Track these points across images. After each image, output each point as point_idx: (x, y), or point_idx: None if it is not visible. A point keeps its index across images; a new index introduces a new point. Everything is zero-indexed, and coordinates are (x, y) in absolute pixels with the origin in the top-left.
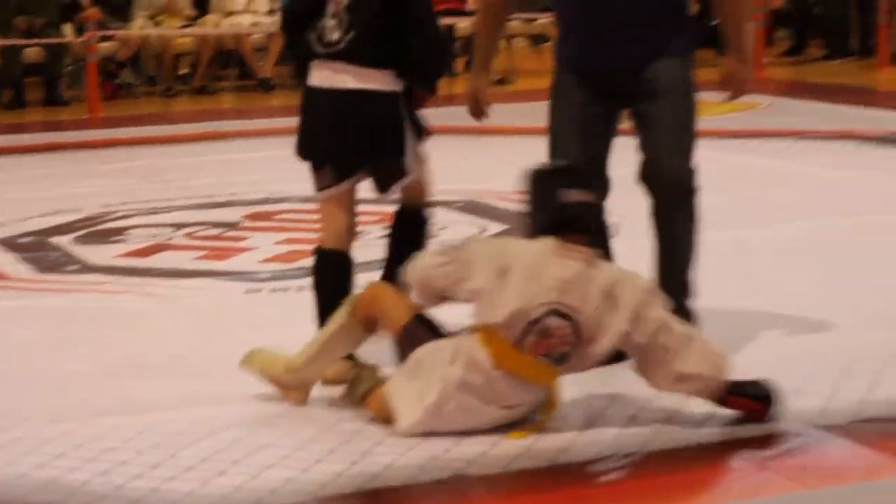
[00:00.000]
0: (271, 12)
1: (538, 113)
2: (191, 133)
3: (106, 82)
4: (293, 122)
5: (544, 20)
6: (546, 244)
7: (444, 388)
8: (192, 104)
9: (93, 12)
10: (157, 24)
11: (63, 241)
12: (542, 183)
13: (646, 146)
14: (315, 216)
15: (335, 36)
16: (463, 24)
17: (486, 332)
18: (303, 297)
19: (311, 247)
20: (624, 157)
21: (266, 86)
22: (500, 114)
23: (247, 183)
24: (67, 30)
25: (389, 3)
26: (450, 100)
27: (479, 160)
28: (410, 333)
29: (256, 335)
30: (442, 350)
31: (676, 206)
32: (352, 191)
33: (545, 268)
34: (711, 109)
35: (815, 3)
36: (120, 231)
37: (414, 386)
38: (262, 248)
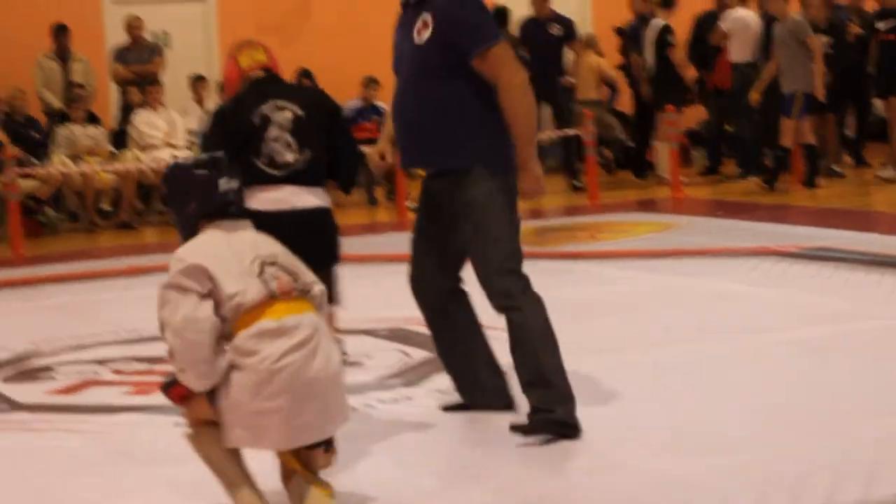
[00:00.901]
0: (190, 145)
1: None
2: (115, 269)
3: (28, 220)
4: None
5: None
6: (213, 232)
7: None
8: (116, 239)
9: (12, 150)
10: (76, 162)
11: None
12: (192, 177)
13: None
14: None
15: (288, 157)
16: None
17: (241, 320)
18: None
19: None
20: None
21: None
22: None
23: None
24: None
25: (328, 124)
26: (372, 228)
27: (403, 287)
28: None
29: (187, 468)
30: None
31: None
32: None
33: (238, 244)
34: (632, 231)
35: (728, 124)
36: (47, 368)
37: None
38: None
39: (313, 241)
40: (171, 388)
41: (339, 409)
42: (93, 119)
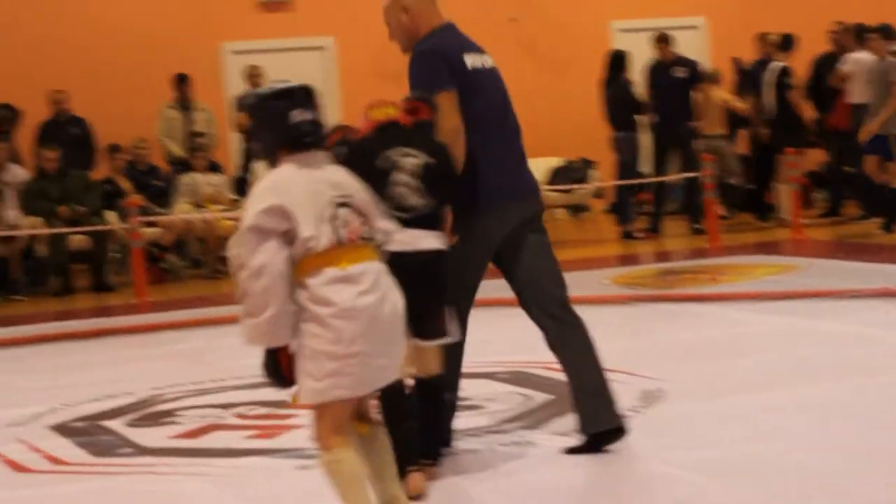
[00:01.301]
0: None
1: (581, 282)
2: (236, 315)
3: (151, 267)
4: None
5: (583, 190)
6: (290, 166)
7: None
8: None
9: (135, 199)
10: (198, 209)
11: (115, 424)
12: (268, 107)
13: None
14: None
15: (414, 201)
16: None
17: (305, 262)
18: None
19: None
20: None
21: None
22: None
23: None
24: (111, 217)
25: (452, 172)
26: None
27: (524, 331)
28: None
29: None
30: None
31: None
32: None
33: (314, 181)
34: (752, 273)
35: (847, 165)
36: (171, 413)
37: None
38: (310, 424)
39: (431, 281)
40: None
41: (401, 352)
42: (214, 167)
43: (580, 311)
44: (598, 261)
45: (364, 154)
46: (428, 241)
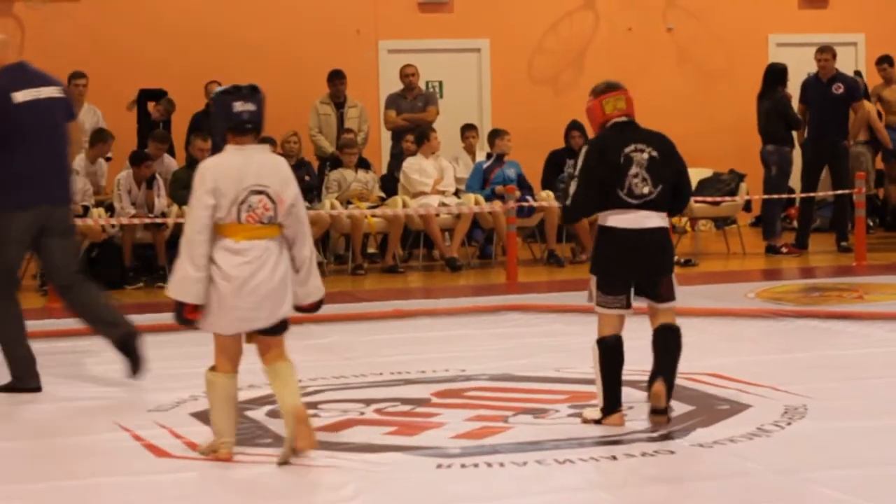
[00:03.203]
0: (457, 193)
1: (725, 295)
2: (380, 311)
3: None
4: (479, 301)
5: (728, 203)
6: (227, 150)
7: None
8: (380, 283)
9: None
10: (345, 205)
11: (257, 414)
12: (220, 100)
13: None
14: (503, 394)
15: (645, 190)
16: None
17: (216, 227)
18: (494, 472)
19: (501, 424)
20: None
21: (453, 265)
22: (685, 295)
23: (434, 361)
24: None
25: (675, 164)
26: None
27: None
28: None
29: None
30: None
31: None
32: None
33: (240, 166)
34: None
35: None
36: (312, 406)
37: None
38: (451, 424)
39: (660, 253)
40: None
41: (273, 310)
42: (364, 164)
43: (723, 323)
44: (743, 274)
45: (607, 150)
46: (653, 220)
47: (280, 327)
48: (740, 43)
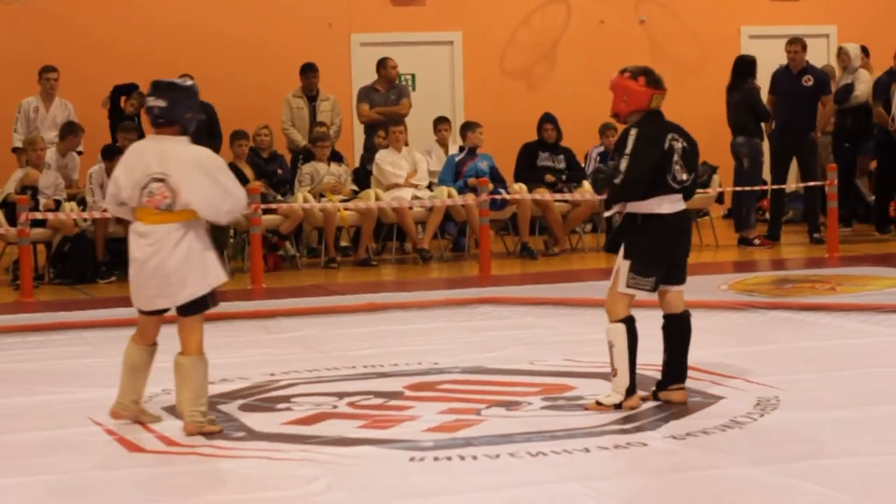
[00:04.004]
0: (430, 186)
1: (698, 287)
2: (353, 305)
3: (269, 254)
4: (452, 294)
5: (701, 195)
6: (144, 140)
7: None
8: (353, 276)
9: (256, 186)
10: (318, 198)
11: (229, 407)
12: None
13: None
14: (476, 387)
15: (684, 176)
16: None
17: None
18: (466, 465)
19: (474, 417)
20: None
21: (423, 256)
22: None
23: (407, 354)
24: None
25: (697, 155)
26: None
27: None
28: None
29: (422, 501)
30: None
31: None
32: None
33: (146, 155)
34: (872, 284)
35: None
36: (285, 399)
37: None
38: (424, 417)
39: (690, 234)
40: None
41: (174, 292)
42: (337, 157)
43: (696, 315)
44: (716, 266)
45: (654, 136)
46: (682, 204)
47: (186, 309)
48: (712, 35)
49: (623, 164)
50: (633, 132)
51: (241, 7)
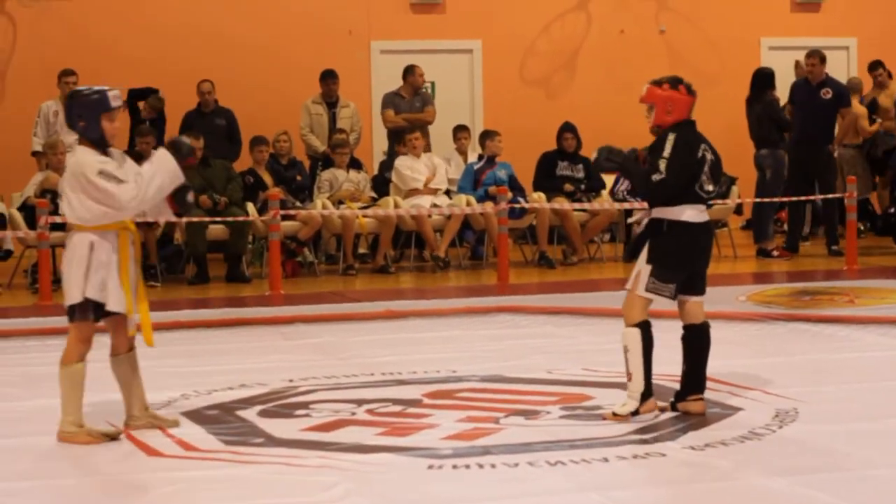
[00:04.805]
0: (448, 193)
1: (716, 298)
2: (371, 312)
3: (287, 260)
4: (470, 302)
5: (720, 206)
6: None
7: None
8: (371, 283)
9: (276, 192)
10: (337, 205)
11: (248, 413)
12: None
13: None
14: (495, 395)
15: (710, 188)
16: None
17: None
18: (485, 474)
19: (493, 425)
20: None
21: (439, 262)
22: None
23: (425, 361)
24: (251, 209)
25: (721, 167)
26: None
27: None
28: None
29: None
30: None
31: None
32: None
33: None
34: (891, 297)
35: None
36: (303, 405)
37: None
38: (443, 425)
39: (712, 244)
40: None
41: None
42: (356, 164)
43: (715, 326)
44: (734, 277)
45: (692, 144)
46: (706, 215)
47: (69, 315)
48: (732, 46)
49: (662, 165)
50: (672, 136)
51: (261, 14)
